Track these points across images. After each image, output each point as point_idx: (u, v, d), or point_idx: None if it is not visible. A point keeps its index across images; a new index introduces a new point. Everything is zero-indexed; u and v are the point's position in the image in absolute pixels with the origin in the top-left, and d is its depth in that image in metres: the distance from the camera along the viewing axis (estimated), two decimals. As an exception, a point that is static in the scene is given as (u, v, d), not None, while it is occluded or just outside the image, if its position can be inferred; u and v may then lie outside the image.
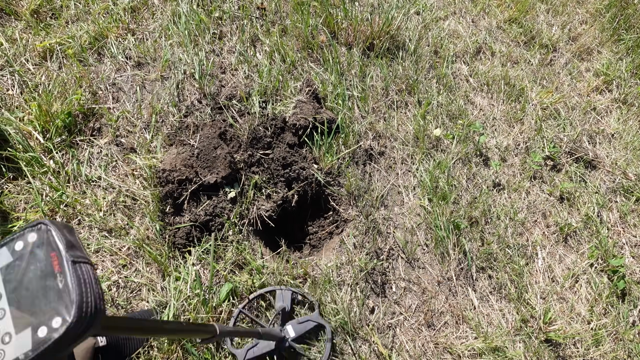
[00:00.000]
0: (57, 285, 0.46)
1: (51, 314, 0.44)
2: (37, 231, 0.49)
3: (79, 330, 0.45)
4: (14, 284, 0.47)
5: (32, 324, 0.45)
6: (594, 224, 1.91)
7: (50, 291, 0.46)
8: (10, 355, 0.44)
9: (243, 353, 1.28)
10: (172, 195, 1.52)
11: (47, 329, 0.44)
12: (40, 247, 0.48)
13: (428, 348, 1.49)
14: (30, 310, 0.45)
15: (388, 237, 1.68)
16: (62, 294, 0.45)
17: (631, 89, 2.48)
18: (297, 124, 1.77)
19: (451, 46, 2.40)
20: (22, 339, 0.44)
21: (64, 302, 0.45)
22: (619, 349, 1.61)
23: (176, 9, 2.08)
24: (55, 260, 0.47)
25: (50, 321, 0.44)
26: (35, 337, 0.44)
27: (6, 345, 0.45)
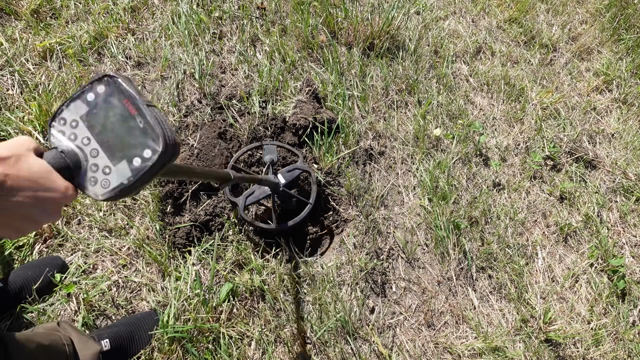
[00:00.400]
0: (138, 124, 0.54)
1: (141, 147, 0.53)
2: (104, 83, 0.55)
3: (167, 158, 0.54)
4: (98, 128, 0.55)
5: (125, 157, 0.53)
6: (594, 224, 1.91)
7: (133, 130, 0.54)
8: (115, 182, 0.54)
9: (242, 200, 1.42)
10: (173, 195, 1.52)
11: (141, 159, 0.53)
12: (112, 96, 0.55)
13: (428, 348, 1.49)
14: (120, 147, 0.54)
15: (388, 237, 1.68)
16: (146, 131, 0.53)
17: (631, 88, 2.48)
18: (297, 124, 1.77)
19: (451, 46, 2.40)
20: (121, 169, 0.54)
21: (150, 137, 0.53)
22: (619, 348, 1.61)
23: (176, 8, 2.07)
24: (129, 105, 0.54)
25: (142, 152, 0.53)
26: (132, 166, 0.53)
27: (108, 176, 0.54)
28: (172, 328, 1.27)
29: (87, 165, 0.55)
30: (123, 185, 0.54)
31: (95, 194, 0.55)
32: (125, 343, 1.22)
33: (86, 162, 0.55)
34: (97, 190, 0.54)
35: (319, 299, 1.46)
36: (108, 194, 0.54)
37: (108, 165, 0.54)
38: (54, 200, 0.50)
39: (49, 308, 1.31)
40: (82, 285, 1.36)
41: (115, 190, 0.54)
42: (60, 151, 0.54)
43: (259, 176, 1.25)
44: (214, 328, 1.33)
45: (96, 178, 0.54)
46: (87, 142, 0.55)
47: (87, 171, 0.55)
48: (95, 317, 1.33)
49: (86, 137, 0.55)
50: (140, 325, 1.27)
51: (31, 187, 0.48)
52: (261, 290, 1.46)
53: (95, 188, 0.54)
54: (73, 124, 0.56)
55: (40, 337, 0.97)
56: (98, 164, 0.54)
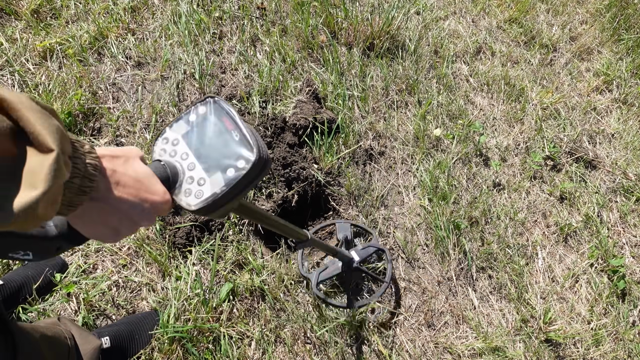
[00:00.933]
0: (234, 138, 0.56)
1: (235, 158, 0.55)
2: (206, 104, 0.59)
3: (259, 168, 0.55)
4: (196, 144, 0.58)
5: (220, 168, 0.55)
6: (594, 224, 1.91)
7: (229, 143, 0.56)
8: (208, 192, 0.55)
9: (315, 275, 1.43)
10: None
11: (234, 169, 0.55)
12: (211, 114, 0.58)
13: (428, 348, 1.49)
14: (216, 159, 0.56)
15: (388, 237, 1.68)
16: (241, 143, 0.55)
17: (631, 89, 2.48)
18: (297, 124, 1.77)
19: (451, 46, 2.40)
20: (215, 180, 0.55)
21: (244, 148, 0.55)
22: (619, 349, 1.61)
23: (176, 8, 2.07)
24: (227, 121, 0.57)
25: (235, 163, 0.55)
26: (226, 176, 0.55)
27: (202, 187, 0.56)
28: (172, 328, 1.27)
29: (184, 177, 0.57)
30: (215, 194, 0.55)
31: (188, 204, 0.56)
32: (126, 342, 1.22)
33: (183, 174, 0.57)
34: (190, 201, 0.56)
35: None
36: (200, 204, 0.55)
37: (203, 177, 0.56)
38: (154, 202, 0.52)
39: (49, 307, 1.31)
40: (82, 285, 1.36)
41: (208, 199, 0.55)
42: (162, 163, 0.57)
43: (335, 247, 1.26)
44: (214, 328, 1.33)
45: (191, 190, 0.56)
46: (185, 157, 0.58)
47: (183, 183, 0.57)
48: (96, 317, 1.33)
49: (185, 153, 0.58)
50: (140, 325, 1.27)
51: (134, 186, 0.50)
52: (261, 290, 1.46)
53: (189, 199, 0.56)
54: (174, 142, 0.59)
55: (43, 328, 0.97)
56: (194, 176, 0.56)
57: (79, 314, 1.30)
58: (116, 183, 0.48)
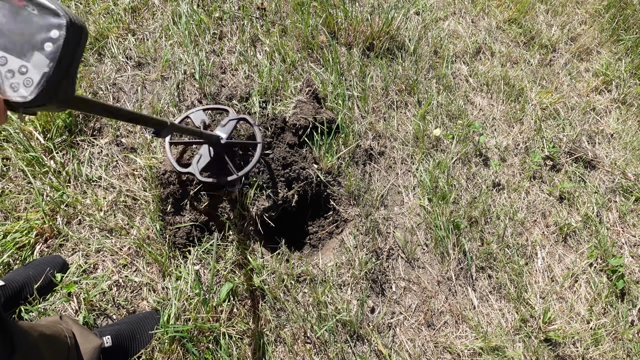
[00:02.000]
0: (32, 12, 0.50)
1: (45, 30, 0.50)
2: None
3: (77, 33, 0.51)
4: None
5: (35, 47, 0.50)
6: (594, 224, 1.92)
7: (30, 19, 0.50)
8: (36, 75, 0.50)
9: (194, 166, 1.44)
10: (174, 196, 1.53)
11: (51, 42, 0.50)
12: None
13: (428, 348, 1.50)
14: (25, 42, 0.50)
15: (388, 237, 1.68)
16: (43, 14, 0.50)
17: (630, 89, 2.49)
18: (297, 124, 1.77)
19: (451, 46, 2.41)
20: (37, 61, 0.50)
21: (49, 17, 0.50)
22: (618, 348, 1.61)
23: (176, 9, 2.08)
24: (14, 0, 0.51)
25: (48, 34, 0.49)
26: (46, 52, 0.50)
27: (27, 74, 0.50)
28: (172, 328, 1.27)
29: (2, 75, 0.51)
30: (46, 74, 0.50)
31: (23, 97, 0.51)
32: (127, 341, 1.22)
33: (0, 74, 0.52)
34: (22, 93, 0.51)
35: (319, 298, 1.46)
36: (36, 90, 0.50)
37: (22, 64, 0.51)
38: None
39: (51, 307, 1.31)
40: (82, 285, 1.36)
41: (41, 82, 0.50)
42: None
43: (198, 130, 1.23)
44: (214, 328, 1.34)
45: (17, 82, 0.51)
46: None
47: (4, 80, 0.51)
48: (96, 317, 1.33)
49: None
50: (142, 325, 1.28)
51: None
52: (261, 290, 1.46)
53: (20, 91, 0.51)
54: None
55: (43, 327, 0.97)
56: (12, 68, 0.51)
57: (80, 313, 1.30)
58: None
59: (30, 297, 1.28)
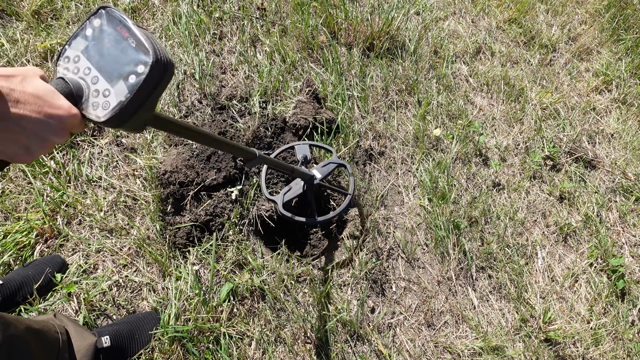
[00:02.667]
0: (131, 45, 0.56)
1: (134, 64, 0.56)
2: (99, 16, 0.59)
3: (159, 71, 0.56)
4: (96, 57, 0.58)
5: (122, 76, 0.56)
6: (594, 224, 1.91)
7: (127, 50, 0.56)
8: (114, 101, 0.56)
9: (280, 197, 1.45)
10: (174, 196, 1.53)
11: (135, 75, 0.55)
12: (106, 25, 0.58)
13: (428, 347, 1.50)
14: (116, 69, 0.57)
15: (388, 237, 1.68)
16: (138, 49, 0.56)
17: (630, 89, 2.49)
18: (297, 124, 1.77)
19: (451, 46, 2.41)
20: (118, 89, 0.56)
21: (141, 52, 0.55)
22: (618, 348, 1.61)
23: (176, 9, 2.08)
24: (121, 30, 0.57)
25: (135, 69, 0.55)
26: (128, 84, 0.55)
27: (108, 97, 0.56)
28: (172, 328, 1.27)
29: (89, 92, 0.57)
30: (121, 102, 0.55)
31: (97, 116, 0.56)
32: (126, 341, 1.22)
33: (88, 89, 0.57)
34: (99, 113, 0.56)
35: (319, 298, 1.46)
36: (109, 114, 0.56)
37: (107, 88, 0.56)
38: (59, 117, 0.53)
39: (50, 307, 1.31)
40: (82, 285, 1.36)
41: (115, 109, 0.55)
42: (64, 80, 0.57)
43: (290, 165, 1.25)
44: (214, 328, 1.34)
45: (98, 102, 0.57)
46: (87, 72, 0.58)
47: (90, 97, 0.57)
48: (96, 317, 1.33)
49: (87, 68, 0.58)
50: (141, 325, 1.28)
51: (36, 102, 0.50)
52: (261, 290, 1.46)
53: (97, 111, 0.56)
54: (75, 59, 0.59)
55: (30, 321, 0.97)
56: (99, 89, 0.57)
57: (80, 313, 1.30)
58: (15, 101, 0.48)
59: (30, 297, 1.28)
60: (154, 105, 0.60)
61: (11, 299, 1.25)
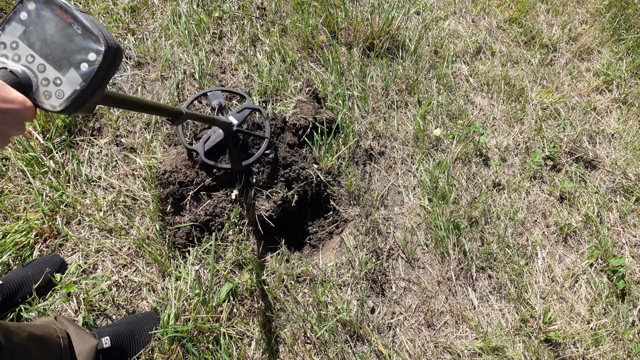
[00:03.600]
0: (76, 31, 0.55)
1: (85, 51, 0.55)
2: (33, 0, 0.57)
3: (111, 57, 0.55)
4: (38, 43, 0.56)
5: (72, 64, 0.55)
6: (594, 224, 1.91)
7: (73, 37, 0.55)
8: (68, 90, 0.55)
9: (201, 146, 1.44)
10: (174, 196, 1.52)
11: (87, 63, 0.54)
12: (43, 10, 0.56)
13: (428, 348, 1.50)
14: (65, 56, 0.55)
15: (388, 237, 1.68)
16: (85, 36, 0.54)
17: (631, 89, 2.48)
18: (297, 124, 1.77)
19: (451, 46, 2.40)
20: (71, 77, 0.55)
21: (90, 40, 0.54)
22: (618, 348, 1.61)
23: (176, 8, 2.07)
24: (62, 14, 0.55)
25: (86, 56, 0.55)
26: (81, 71, 0.55)
27: (60, 86, 0.55)
28: (172, 328, 1.27)
29: (38, 81, 0.56)
30: (76, 91, 0.55)
31: (52, 106, 0.56)
32: (126, 341, 1.22)
33: (36, 78, 0.56)
34: (53, 103, 0.56)
35: (319, 298, 1.46)
36: (65, 103, 0.55)
37: (58, 77, 0.56)
38: (14, 110, 0.52)
39: (50, 307, 1.31)
40: (82, 285, 1.36)
41: (71, 98, 0.55)
42: (9, 71, 0.56)
43: (211, 116, 1.26)
44: (214, 328, 1.33)
45: (49, 91, 0.56)
46: (31, 59, 0.56)
47: (40, 86, 0.56)
48: (96, 317, 1.33)
49: (29, 55, 0.56)
50: (141, 325, 1.27)
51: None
52: (261, 290, 1.46)
53: (51, 101, 0.56)
54: (13, 45, 0.57)
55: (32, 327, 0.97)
56: (48, 77, 0.56)
57: (79, 313, 1.30)
58: None
59: (29, 297, 1.28)
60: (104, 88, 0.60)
61: (11, 299, 1.25)
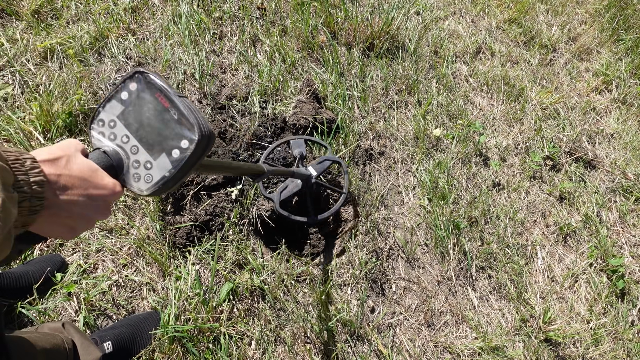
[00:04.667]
0: (172, 116, 0.55)
1: (178, 138, 0.55)
2: (136, 80, 0.57)
3: (203, 146, 0.55)
4: (135, 125, 0.57)
5: (164, 150, 0.55)
6: (594, 224, 1.91)
7: (169, 123, 0.55)
8: (157, 175, 0.55)
9: (277, 195, 1.44)
10: (174, 196, 1.53)
11: (179, 150, 0.55)
12: (144, 92, 0.56)
13: (428, 347, 1.50)
14: (158, 141, 0.56)
15: (388, 237, 1.68)
16: (181, 122, 0.55)
17: (630, 89, 2.49)
18: (297, 124, 1.77)
19: (451, 46, 2.41)
20: (161, 163, 0.55)
21: (185, 127, 0.54)
22: (618, 348, 1.61)
23: (176, 9, 2.08)
24: (161, 98, 0.56)
25: (179, 144, 0.55)
26: (172, 158, 0.55)
27: (150, 170, 0.56)
28: (172, 328, 1.27)
29: (129, 162, 0.57)
30: (165, 177, 0.55)
31: (139, 189, 0.56)
32: (128, 344, 1.22)
33: (128, 159, 0.57)
34: (141, 186, 0.56)
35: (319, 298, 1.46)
36: (152, 188, 0.56)
37: (149, 160, 0.56)
38: (104, 197, 0.53)
39: (50, 306, 1.31)
40: (82, 284, 1.36)
41: (159, 183, 0.55)
42: (103, 151, 0.56)
43: (291, 169, 1.26)
44: (214, 328, 1.34)
45: (139, 174, 0.56)
46: (126, 140, 0.57)
47: (130, 168, 0.57)
48: (96, 317, 1.33)
49: (125, 135, 0.57)
50: (142, 326, 1.27)
51: (82, 185, 0.50)
52: (261, 290, 1.46)
53: (140, 184, 0.56)
54: (111, 124, 0.58)
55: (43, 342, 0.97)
56: (139, 160, 0.56)
57: (80, 313, 1.30)
58: (63, 188, 0.48)
59: (29, 297, 1.28)
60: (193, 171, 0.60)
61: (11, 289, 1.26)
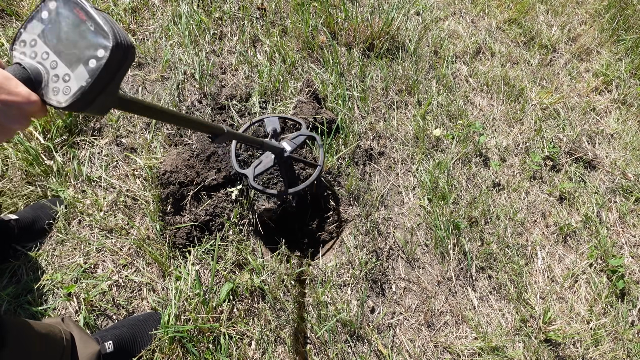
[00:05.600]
0: (89, 28, 0.55)
1: (94, 48, 0.55)
2: None
3: (120, 55, 0.55)
4: (54, 41, 0.57)
5: (81, 60, 0.55)
6: (594, 224, 1.91)
7: (85, 34, 0.55)
8: (75, 86, 0.55)
9: (251, 171, 1.42)
10: (174, 196, 1.53)
11: (95, 59, 0.55)
12: (62, 8, 0.57)
13: (428, 348, 1.50)
14: (75, 53, 0.56)
15: (388, 237, 1.68)
16: (97, 32, 0.55)
17: (630, 89, 2.49)
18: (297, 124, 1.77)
19: (451, 46, 2.41)
20: (79, 73, 0.55)
21: (100, 36, 0.55)
22: (618, 348, 1.61)
23: (176, 9, 2.08)
24: (79, 12, 0.56)
25: (95, 53, 0.55)
26: (88, 68, 0.55)
27: (68, 82, 0.56)
28: (172, 328, 1.27)
29: (49, 77, 0.57)
30: (82, 87, 0.55)
31: (58, 102, 0.56)
32: (129, 345, 1.22)
33: (47, 74, 0.57)
34: (60, 99, 0.56)
35: (319, 298, 1.46)
36: (70, 99, 0.55)
37: (67, 73, 0.56)
38: (18, 104, 0.53)
39: (51, 306, 1.31)
40: (82, 284, 1.36)
41: (76, 94, 0.55)
42: (21, 66, 0.57)
43: (260, 139, 1.23)
44: (214, 328, 1.34)
45: (58, 87, 0.56)
46: (46, 56, 0.57)
47: (49, 83, 0.56)
48: (96, 317, 1.33)
49: (44, 52, 0.57)
50: (142, 327, 1.27)
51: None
52: (261, 290, 1.46)
53: (58, 97, 0.56)
54: (32, 43, 0.58)
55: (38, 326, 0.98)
56: (58, 74, 0.56)
57: (80, 313, 1.30)
58: None
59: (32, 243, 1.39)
60: (116, 88, 0.59)
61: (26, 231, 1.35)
